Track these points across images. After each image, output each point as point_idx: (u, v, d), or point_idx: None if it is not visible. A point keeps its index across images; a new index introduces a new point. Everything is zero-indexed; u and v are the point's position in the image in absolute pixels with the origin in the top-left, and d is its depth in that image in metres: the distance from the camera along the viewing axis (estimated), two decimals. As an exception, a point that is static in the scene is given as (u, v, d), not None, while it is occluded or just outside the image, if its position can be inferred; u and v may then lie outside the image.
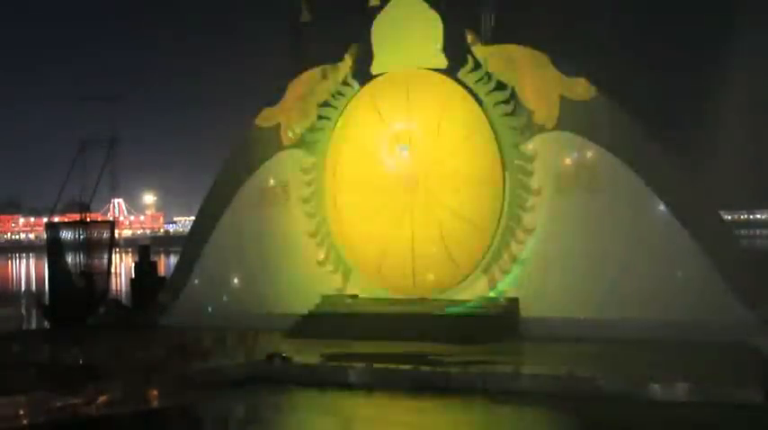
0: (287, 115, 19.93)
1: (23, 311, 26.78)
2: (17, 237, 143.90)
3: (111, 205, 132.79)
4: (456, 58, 17.99)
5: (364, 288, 18.66)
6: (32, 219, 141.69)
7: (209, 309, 19.47)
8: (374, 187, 18.58)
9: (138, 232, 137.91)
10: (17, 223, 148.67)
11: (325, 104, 19.36)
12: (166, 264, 48.66)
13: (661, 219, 15.97)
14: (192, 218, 33.75)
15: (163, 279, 23.39)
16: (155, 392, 12.45)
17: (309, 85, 19.72)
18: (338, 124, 19.10)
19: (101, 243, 22.24)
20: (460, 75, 17.90)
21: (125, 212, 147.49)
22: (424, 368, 13.78)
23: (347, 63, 19.16)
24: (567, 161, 16.90)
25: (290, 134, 19.86)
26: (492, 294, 17.45)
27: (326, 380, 14.02)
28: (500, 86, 17.51)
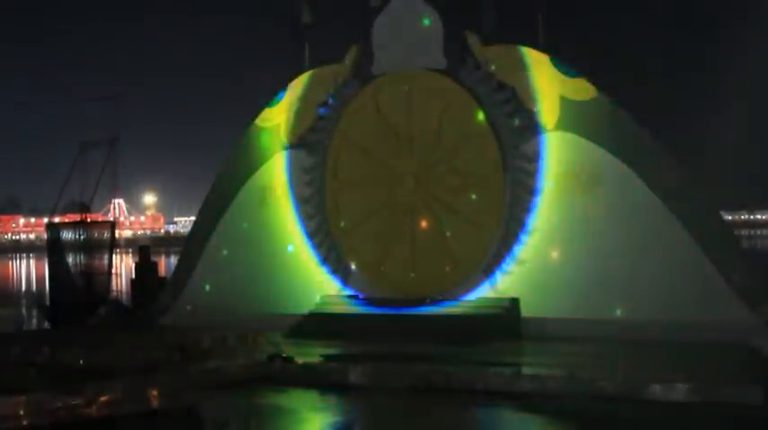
0: (287, 115, 19.95)
1: (24, 311, 26.81)
2: (17, 237, 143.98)
3: (112, 205, 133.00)
4: (456, 58, 18.01)
5: (364, 288, 18.65)
6: (33, 220, 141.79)
7: (210, 309, 19.44)
8: (374, 187, 18.60)
9: (139, 232, 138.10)
10: (17, 223, 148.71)
11: (326, 104, 19.36)
12: (167, 264, 48.67)
13: (661, 220, 15.96)
14: (193, 218, 33.79)
15: (163, 279, 23.39)
16: (155, 392, 12.45)
17: (310, 85, 19.74)
18: (339, 124, 19.11)
19: (101, 243, 22.24)
20: (461, 75, 17.92)
21: (125, 213, 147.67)
22: (424, 368, 13.76)
23: (347, 63, 19.19)
24: (568, 161, 16.89)
25: (291, 134, 19.87)
26: (492, 294, 17.45)
27: (327, 380, 14.01)
28: (500, 87, 17.52)
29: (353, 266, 18.90)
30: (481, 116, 17.62)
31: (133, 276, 23.52)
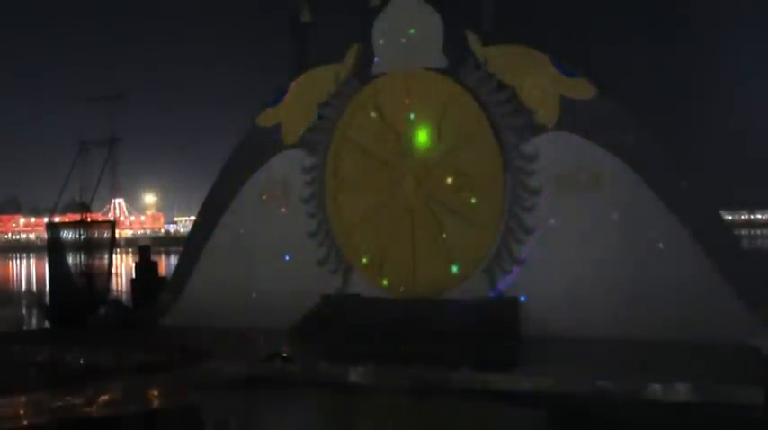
0: (287, 115, 19.94)
1: (24, 311, 26.85)
2: (17, 237, 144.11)
3: (112, 205, 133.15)
4: (456, 58, 17.99)
5: (364, 288, 18.65)
6: (33, 220, 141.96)
7: (209, 309, 19.44)
8: (374, 187, 18.60)
9: (139, 232, 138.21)
10: (17, 223, 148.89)
11: (326, 104, 19.36)
12: (167, 264, 48.68)
13: (661, 220, 15.96)
14: (193, 218, 33.77)
15: (163, 279, 23.38)
16: (155, 392, 12.47)
17: (310, 85, 19.74)
18: (339, 124, 19.11)
19: (101, 243, 22.22)
20: (461, 75, 17.91)
21: (125, 212, 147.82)
22: (424, 368, 13.77)
23: (348, 63, 19.18)
24: (568, 161, 16.88)
25: (291, 134, 19.87)
26: (492, 294, 17.44)
27: (326, 380, 14.02)
28: (500, 86, 17.51)
29: (353, 266, 18.90)
30: (481, 116, 17.61)
31: (133, 276, 23.52)
